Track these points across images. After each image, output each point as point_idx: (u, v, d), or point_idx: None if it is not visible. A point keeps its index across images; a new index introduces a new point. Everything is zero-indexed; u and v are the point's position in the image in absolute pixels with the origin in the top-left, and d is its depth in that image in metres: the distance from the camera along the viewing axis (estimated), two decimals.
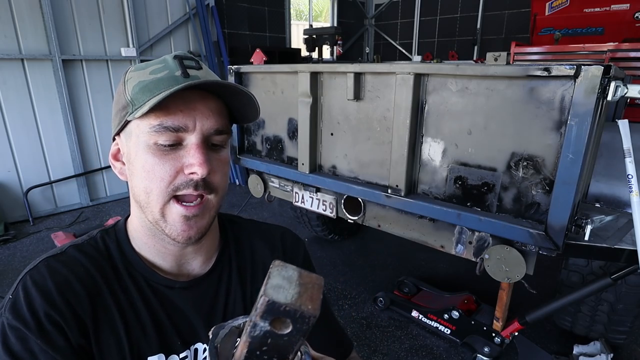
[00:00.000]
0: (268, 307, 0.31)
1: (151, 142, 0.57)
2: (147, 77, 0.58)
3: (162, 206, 0.59)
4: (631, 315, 2.02)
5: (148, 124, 0.56)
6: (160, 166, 0.57)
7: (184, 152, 0.58)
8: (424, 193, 1.75)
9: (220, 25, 5.27)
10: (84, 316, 0.57)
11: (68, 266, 0.59)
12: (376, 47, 8.34)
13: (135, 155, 0.59)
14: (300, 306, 0.31)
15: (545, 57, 2.95)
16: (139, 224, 0.64)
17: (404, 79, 1.63)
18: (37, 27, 3.86)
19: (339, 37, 5.48)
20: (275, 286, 0.32)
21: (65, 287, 0.57)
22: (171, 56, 0.61)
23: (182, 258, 0.67)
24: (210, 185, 0.60)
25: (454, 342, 2.31)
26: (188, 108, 0.57)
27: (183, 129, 0.57)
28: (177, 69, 0.58)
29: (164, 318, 0.63)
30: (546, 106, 1.34)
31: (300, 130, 2.13)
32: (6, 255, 3.39)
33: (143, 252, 0.65)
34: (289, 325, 0.32)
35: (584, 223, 1.47)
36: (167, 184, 0.58)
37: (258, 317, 0.31)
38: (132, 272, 0.64)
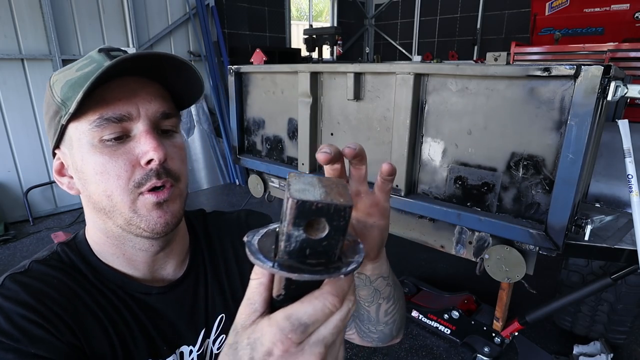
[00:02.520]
0: (298, 209, 0.28)
1: (95, 140, 0.53)
2: (74, 74, 0.55)
3: (131, 204, 0.55)
4: (631, 315, 2.02)
5: (87, 121, 0.53)
6: (112, 164, 0.53)
7: (134, 143, 0.54)
8: (424, 193, 1.75)
9: (220, 25, 5.27)
10: (70, 320, 0.54)
11: (39, 279, 0.55)
12: (376, 47, 8.34)
13: (82, 161, 0.55)
14: (332, 200, 0.28)
15: (545, 57, 2.95)
16: (102, 235, 0.60)
17: (404, 79, 1.63)
18: (37, 27, 3.86)
19: (339, 37, 5.48)
20: (299, 190, 0.29)
21: (43, 296, 0.53)
22: (95, 51, 0.57)
23: (155, 264, 0.64)
24: (171, 172, 0.57)
25: (454, 342, 2.31)
26: (127, 95, 0.54)
27: (127, 117, 0.53)
28: (105, 59, 0.54)
29: (148, 324, 0.61)
30: (546, 106, 1.34)
31: (300, 130, 2.13)
32: (6, 255, 3.39)
33: (112, 263, 0.62)
34: (324, 227, 0.29)
35: (584, 223, 1.47)
36: (126, 181, 0.54)
37: (290, 225, 0.28)
38: (105, 283, 0.60)
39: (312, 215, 0.28)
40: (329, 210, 0.28)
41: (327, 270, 0.30)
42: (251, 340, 0.33)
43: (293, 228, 0.29)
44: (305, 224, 0.29)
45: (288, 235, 0.29)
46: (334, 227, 0.29)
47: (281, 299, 0.34)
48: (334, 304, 0.32)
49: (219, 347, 0.69)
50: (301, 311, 0.31)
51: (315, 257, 0.30)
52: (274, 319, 0.32)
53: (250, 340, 0.33)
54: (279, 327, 0.31)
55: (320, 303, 0.31)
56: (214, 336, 0.68)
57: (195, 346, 0.66)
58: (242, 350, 0.33)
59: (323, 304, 0.31)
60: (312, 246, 0.30)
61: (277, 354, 0.31)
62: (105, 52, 0.55)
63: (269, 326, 0.32)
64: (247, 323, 0.34)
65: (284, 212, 0.29)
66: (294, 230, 0.29)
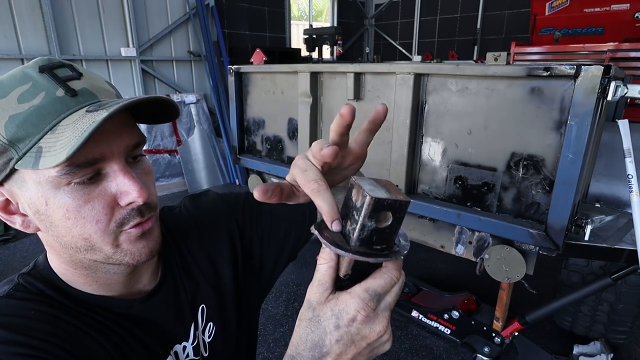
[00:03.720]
0: (374, 205, 0.36)
1: (63, 184, 0.47)
2: (17, 107, 0.45)
3: (113, 242, 0.51)
4: (631, 315, 2.02)
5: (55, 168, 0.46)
6: (88, 208, 0.49)
7: (108, 183, 0.50)
8: (424, 193, 1.75)
9: (220, 25, 5.27)
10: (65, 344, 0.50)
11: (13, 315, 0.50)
12: (376, 47, 8.34)
13: (46, 203, 0.48)
14: (396, 197, 0.37)
15: (545, 57, 2.95)
16: (69, 267, 0.56)
17: (404, 79, 1.63)
18: (37, 27, 3.86)
19: (339, 37, 5.48)
20: (370, 190, 0.37)
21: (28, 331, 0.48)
22: (34, 69, 0.47)
23: (129, 281, 0.61)
24: (151, 205, 0.54)
25: (454, 342, 2.31)
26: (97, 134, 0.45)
27: (99, 159, 0.48)
28: (54, 87, 0.46)
29: (140, 334, 0.60)
30: (546, 106, 1.34)
31: (300, 130, 2.13)
32: (6, 255, 3.39)
33: (82, 288, 0.57)
34: (389, 218, 0.38)
35: (584, 223, 1.47)
36: (106, 224, 0.50)
37: (366, 218, 0.36)
38: (84, 305, 0.56)
39: (383, 209, 0.37)
40: (394, 205, 0.37)
41: (390, 254, 0.40)
42: (335, 311, 0.41)
43: (368, 220, 0.37)
44: (376, 217, 0.37)
45: (362, 225, 0.37)
46: (396, 218, 0.38)
47: (348, 277, 0.42)
48: (397, 277, 0.42)
49: (209, 335, 0.70)
50: (375, 284, 0.41)
51: (379, 242, 0.39)
52: (354, 292, 0.40)
53: (334, 311, 0.41)
54: (360, 297, 0.40)
55: (388, 277, 0.41)
56: (201, 326, 0.69)
57: (189, 340, 0.67)
58: (326, 321, 0.41)
59: (390, 278, 0.41)
60: (378, 234, 0.38)
61: (360, 319, 0.40)
62: (48, 72, 0.47)
63: (351, 298, 0.40)
64: (322, 299, 0.41)
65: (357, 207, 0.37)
66: (368, 221, 0.37)
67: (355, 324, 0.40)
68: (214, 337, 0.71)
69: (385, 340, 0.42)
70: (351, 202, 0.39)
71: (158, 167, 4.88)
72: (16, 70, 0.48)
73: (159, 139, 4.91)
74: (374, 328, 0.41)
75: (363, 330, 0.41)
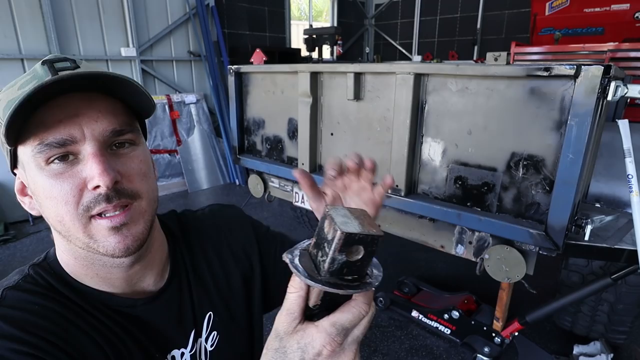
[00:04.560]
0: (345, 239, 0.35)
1: (42, 164, 0.50)
2: (15, 93, 0.49)
3: (83, 228, 0.52)
4: (631, 315, 2.02)
5: (30, 146, 0.49)
6: (58, 188, 0.50)
7: (82, 166, 0.51)
8: (424, 193, 1.75)
9: (220, 25, 5.27)
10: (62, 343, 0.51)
11: (18, 308, 0.51)
12: (376, 47, 8.34)
13: (35, 184, 0.52)
14: (369, 231, 0.36)
15: (545, 57, 2.95)
16: (70, 257, 0.58)
17: (404, 79, 1.63)
18: (37, 27, 3.86)
19: (339, 37, 5.48)
20: (342, 222, 0.36)
21: (28, 326, 0.50)
22: (40, 62, 0.52)
23: (132, 279, 0.61)
24: (126, 192, 0.53)
25: (454, 342, 2.31)
26: (69, 116, 0.49)
27: (70, 140, 0.49)
28: (46, 74, 0.49)
29: (139, 335, 0.60)
30: (546, 106, 1.34)
31: (300, 130, 2.13)
32: (6, 255, 3.39)
33: (88, 283, 0.58)
34: (360, 251, 0.37)
35: (584, 223, 1.47)
36: (74, 206, 0.51)
37: (336, 252, 0.36)
38: (88, 301, 0.57)
39: (355, 243, 0.36)
40: (366, 240, 0.36)
41: (361, 285, 0.39)
42: (301, 344, 0.40)
43: (338, 254, 0.36)
44: (347, 250, 0.36)
45: (332, 259, 0.37)
46: (368, 251, 0.37)
47: (318, 307, 0.42)
48: (366, 310, 0.41)
49: (212, 344, 0.70)
50: (343, 318, 0.40)
51: (350, 274, 0.38)
52: (321, 326, 0.40)
53: (300, 344, 0.40)
54: (327, 332, 0.39)
55: (357, 310, 0.40)
56: (205, 334, 0.69)
57: (187, 347, 0.66)
58: (292, 353, 0.40)
59: (359, 311, 0.40)
60: (349, 266, 0.38)
61: (326, 354, 0.40)
62: (48, 64, 0.50)
63: (317, 332, 0.40)
64: (290, 329, 0.41)
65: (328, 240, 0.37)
66: (338, 255, 0.36)
67: (320, 358, 0.40)
68: (217, 346, 0.70)
69: None
70: (323, 233, 0.38)
71: (158, 167, 4.87)
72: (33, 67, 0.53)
73: (159, 139, 4.91)
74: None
75: None
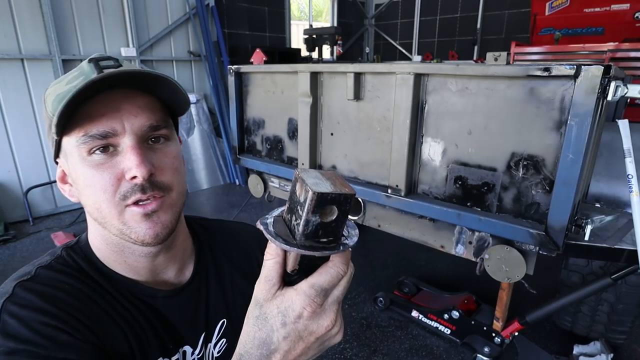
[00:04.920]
0: (318, 200, 0.35)
1: (84, 155, 0.54)
2: (63, 88, 0.54)
3: (118, 216, 0.56)
4: (631, 315, 2.02)
5: (75, 137, 0.54)
6: (98, 177, 0.54)
7: (121, 158, 0.55)
8: (424, 193, 1.75)
9: (220, 25, 5.27)
10: (89, 322, 0.54)
11: (49, 285, 0.55)
12: (376, 47, 8.34)
13: (76, 172, 0.56)
14: (341, 190, 0.36)
15: (545, 57, 2.95)
16: (102, 242, 0.61)
17: (404, 79, 1.63)
18: (37, 27, 3.86)
19: (339, 37, 5.48)
20: (313, 184, 0.36)
21: (59, 302, 0.53)
22: (86, 60, 0.57)
23: (156, 269, 0.65)
24: (159, 184, 0.57)
25: (454, 342, 2.31)
26: (111, 110, 0.54)
27: (111, 133, 0.53)
28: (92, 72, 0.54)
29: (157, 325, 0.63)
30: (546, 106, 1.34)
31: (300, 130, 2.13)
32: (6, 255, 3.39)
33: (116, 269, 0.62)
34: (334, 212, 0.37)
35: (584, 223, 1.47)
36: (112, 195, 0.54)
37: (310, 213, 0.36)
38: (115, 286, 0.61)
39: (327, 203, 0.36)
40: (339, 199, 0.36)
41: (337, 246, 0.40)
42: (281, 308, 0.41)
43: (312, 215, 0.36)
44: (320, 211, 0.36)
45: (306, 221, 0.36)
46: (341, 211, 0.37)
47: (295, 272, 0.42)
48: (344, 270, 0.41)
49: (219, 351, 0.71)
50: (321, 279, 0.40)
51: (325, 236, 0.38)
52: (300, 289, 0.40)
53: (280, 308, 0.41)
54: (306, 294, 0.40)
55: (334, 271, 0.41)
56: (215, 340, 0.70)
57: (196, 349, 0.68)
58: (272, 319, 0.41)
59: (337, 272, 0.41)
60: (324, 228, 0.37)
61: (306, 315, 0.40)
62: (94, 62, 0.54)
63: (297, 295, 0.40)
64: (269, 296, 0.41)
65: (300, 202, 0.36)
66: (312, 216, 0.36)
67: (302, 320, 0.40)
68: (224, 354, 0.72)
69: (334, 333, 0.43)
70: (295, 197, 0.38)
71: None
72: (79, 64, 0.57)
73: None
74: (322, 323, 0.41)
75: (310, 326, 0.41)
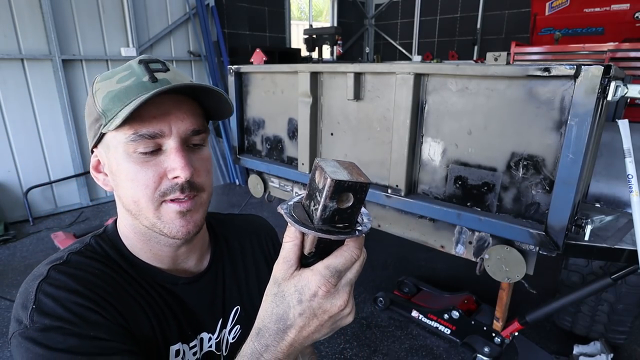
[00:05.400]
0: (335, 186, 0.37)
1: (130, 151, 0.58)
2: (114, 86, 0.58)
3: (155, 210, 0.60)
4: (631, 315, 2.02)
5: (124, 134, 0.57)
6: (142, 174, 0.58)
7: (165, 157, 0.59)
8: (424, 193, 1.75)
9: (220, 25, 5.27)
10: (117, 305, 0.58)
11: (81, 269, 0.59)
12: (376, 47, 8.34)
13: (118, 166, 0.60)
14: (357, 179, 0.39)
15: (545, 57, 2.95)
16: (130, 231, 0.65)
17: (404, 79, 1.63)
18: (37, 27, 3.86)
19: (339, 37, 5.48)
20: (331, 172, 0.38)
21: (91, 285, 0.57)
22: (136, 61, 0.61)
23: (177, 258, 0.69)
24: (196, 185, 0.61)
25: (454, 342, 2.31)
26: (162, 114, 0.58)
27: (159, 134, 0.58)
28: (143, 74, 0.58)
29: (178, 311, 0.67)
30: (546, 106, 1.34)
31: (300, 130, 2.13)
32: (6, 255, 3.39)
33: (139, 255, 0.67)
34: (350, 199, 0.39)
35: (584, 223, 1.47)
36: (152, 191, 0.58)
37: (327, 199, 0.38)
38: (139, 272, 0.65)
39: (344, 190, 0.38)
40: (355, 187, 0.39)
41: (352, 232, 0.42)
42: (298, 287, 0.44)
43: (330, 201, 0.38)
44: (337, 198, 0.39)
45: (324, 206, 0.39)
46: (357, 198, 0.40)
47: (312, 254, 0.45)
48: (357, 254, 0.44)
49: (234, 337, 0.75)
50: (336, 261, 0.43)
51: (341, 221, 0.41)
52: (316, 269, 0.43)
53: (297, 287, 0.44)
54: (321, 274, 0.43)
55: (349, 254, 0.44)
56: (230, 326, 0.75)
57: (214, 334, 0.72)
58: (290, 296, 0.44)
59: (351, 255, 0.44)
60: (340, 214, 0.40)
61: (321, 294, 0.43)
62: (144, 64, 0.59)
63: (313, 275, 0.43)
64: (287, 275, 0.44)
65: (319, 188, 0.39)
66: (330, 202, 0.39)
67: (316, 298, 0.43)
68: (238, 340, 0.75)
69: (347, 313, 0.45)
70: (314, 184, 0.41)
71: None
72: (127, 63, 0.62)
73: None
74: (335, 302, 0.44)
75: (324, 305, 0.44)
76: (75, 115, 4.24)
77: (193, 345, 0.68)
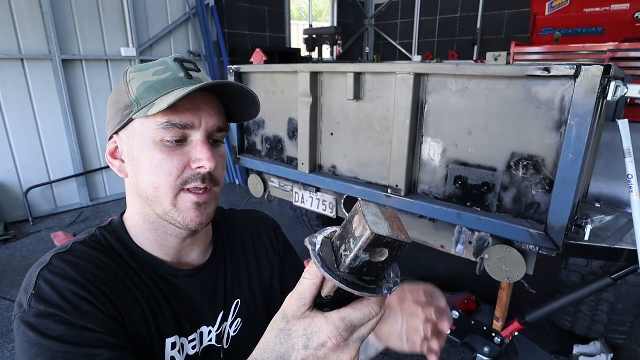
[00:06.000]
0: (373, 240, 0.34)
1: (158, 139, 0.60)
2: (151, 77, 0.62)
3: (173, 198, 0.62)
4: (631, 315, 2.02)
5: (155, 121, 0.59)
6: (168, 162, 0.60)
7: (190, 148, 0.62)
8: (424, 193, 1.75)
9: (220, 25, 5.27)
10: (112, 296, 0.59)
11: (83, 259, 0.61)
12: (376, 47, 8.34)
13: (141, 152, 0.62)
14: (397, 236, 0.36)
15: (545, 57, 2.95)
16: (140, 220, 0.67)
17: (404, 79, 1.63)
18: (37, 27, 3.86)
19: (339, 37, 5.48)
20: (372, 222, 0.35)
21: (89, 275, 0.58)
22: (171, 59, 0.64)
23: (182, 250, 0.70)
24: (214, 178, 0.64)
25: (454, 342, 2.31)
26: (194, 107, 0.61)
27: (190, 126, 0.61)
28: (179, 70, 0.62)
29: (176, 304, 0.67)
30: (546, 106, 1.34)
31: (300, 130, 2.13)
32: (6, 255, 3.39)
33: (145, 247, 0.68)
34: (385, 254, 0.37)
35: (584, 223, 1.47)
36: (175, 178, 0.61)
37: (362, 250, 0.35)
38: (140, 264, 0.66)
39: (381, 245, 0.35)
40: (393, 244, 0.36)
41: (377, 290, 0.39)
42: (308, 331, 0.41)
43: (363, 252, 0.35)
44: (372, 251, 0.36)
45: (356, 256, 0.36)
46: (392, 256, 0.37)
47: (329, 298, 0.41)
48: (377, 312, 0.41)
49: (235, 330, 0.75)
50: (353, 315, 0.41)
51: (369, 274, 0.38)
52: (330, 319, 0.41)
53: (307, 331, 0.41)
54: (335, 325, 0.40)
55: (368, 310, 0.41)
56: (231, 319, 0.75)
57: (215, 327, 0.72)
58: (296, 338, 0.42)
59: (370, 311, 0.41)
60: (370, 266, 0.37)
61: (330, 346, 0.41)
62: (179, 62, 0.64)
63: (326, 324, 0.41)
64: (298, 314, 0.42)
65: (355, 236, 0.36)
66: (363, 253, 0.36)
67: (324, 349, 0.41)
68: (239, 333, 0.76)
69: None
70: (351, 228, 0.37)
71: None
72: (160, 59, 0.65)
73: None
74: (342, 357, 0.41)
75: (330, 357, 0.41)
76: (75, 115, 4.24)
77: (192, 339, 0.69)
